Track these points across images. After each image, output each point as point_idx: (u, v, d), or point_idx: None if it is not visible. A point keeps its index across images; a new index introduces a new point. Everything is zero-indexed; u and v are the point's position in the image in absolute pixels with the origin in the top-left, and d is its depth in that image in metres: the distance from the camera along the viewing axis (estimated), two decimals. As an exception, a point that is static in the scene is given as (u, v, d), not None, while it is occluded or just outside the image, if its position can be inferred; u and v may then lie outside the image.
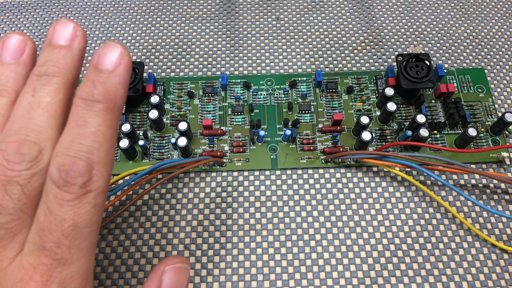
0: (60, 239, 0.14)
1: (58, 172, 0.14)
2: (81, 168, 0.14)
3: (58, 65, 0.15)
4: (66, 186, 0.14)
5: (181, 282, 0.17)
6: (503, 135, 0.28)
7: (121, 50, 0.15)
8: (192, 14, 0.34)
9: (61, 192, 0.14)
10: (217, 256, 0.24)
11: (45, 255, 0.14)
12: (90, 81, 0.15)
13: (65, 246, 0.14)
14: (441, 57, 0.32)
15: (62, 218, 0.14)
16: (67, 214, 0.14)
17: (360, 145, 0.27)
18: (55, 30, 0.16)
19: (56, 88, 0.15)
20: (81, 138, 0.14)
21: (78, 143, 0.14)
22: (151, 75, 0.29)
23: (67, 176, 0.14)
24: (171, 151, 0.28)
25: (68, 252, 0.14)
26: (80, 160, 0.14)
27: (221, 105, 0.29)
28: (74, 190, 0.14)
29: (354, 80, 0.30)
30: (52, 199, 0.14)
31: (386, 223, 0.25)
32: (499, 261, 0.24)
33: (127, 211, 0.26)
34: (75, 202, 0.14)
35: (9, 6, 0.35)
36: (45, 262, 0.14)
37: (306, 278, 0.24)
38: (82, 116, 0.14)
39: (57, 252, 0.14)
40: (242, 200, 0.26)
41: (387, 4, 0.35)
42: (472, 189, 0.27)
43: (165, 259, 0.17)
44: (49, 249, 0.14)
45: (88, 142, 0.14)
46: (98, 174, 0.14)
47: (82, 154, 0.14)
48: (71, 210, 0.14)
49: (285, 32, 0.33)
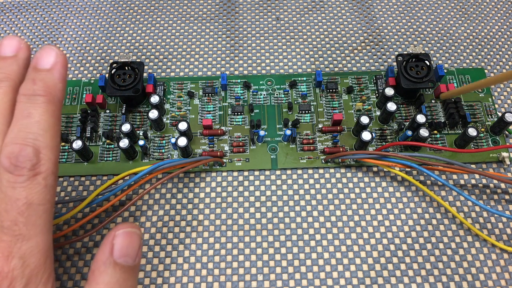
0: (16, 217, 0.15)
1: (8, 159, 0.15)
2: (29, 153, 0.15)
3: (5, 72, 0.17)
4: (17, 170, 0.15)
5: (133, 245, 0.18)
6: (503, 135, 0.28)
7: (56, 51, 0.18)
8: (192, 14, 0.34)
9: (13, 176, 0.15)
10: (217, 256, 0.24)
11: (4, 233, 0.15)
12: (30, 79, 0.17)
13: (21, 223, 0.15)
14: (441, 57, 0.32)
15: (16, 198, 0.15)
16: (20, 195, 0.15)
17: (360, 145, 0.27)
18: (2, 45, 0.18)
19: (4, 90, 0.17)
20: (27, 127, 0.16)
21: (25, 132, 0.16)
22: (151, 75, 0.29)
23: (17, 161, 0.15)
24: (171, 151, 0.28)
25: (25, 229, 0.15)
26: (27, 146, 0.16)
27: (221, 105, 0.29)
28: (25, 172, 0.15)
29: (354, 80, 0.30)
30: (5, 184, 0.15)
31: (386, 223, 0.25)
32: (499, 261, 0.24)
33: (127, 211, 0.26)
34: (26, 183, 0.15)
35: (9, 6, 0.35)
36: (4, 239, 0.15)
37: (306, 278, 0.24)
38: (26, 109, 0.16)
39: (15, 229, 0.15)
40: (242, 200, 0.26)
41: (387, 4, 0.35)
42: (472, 189, 0.27)
43: (116, 226, 0.18)
44: (7, 227, 0.15)
45: (33, 130, 0.16)
46: (46, 157, 0.16)
47: (28, 141, 0.16)
48: (24, 191, 0.15)
49: (285, 32, 0.33)
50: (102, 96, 0.29)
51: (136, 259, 0.18)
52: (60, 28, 0.34)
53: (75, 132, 0.28)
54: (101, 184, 0.27)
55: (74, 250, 0.25)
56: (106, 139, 0.28)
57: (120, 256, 0.18)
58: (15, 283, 0.15)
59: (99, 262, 0.17)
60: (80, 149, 0.26)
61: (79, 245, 0.25)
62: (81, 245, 0.25)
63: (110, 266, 0.17)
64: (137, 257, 0.18)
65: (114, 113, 0.29)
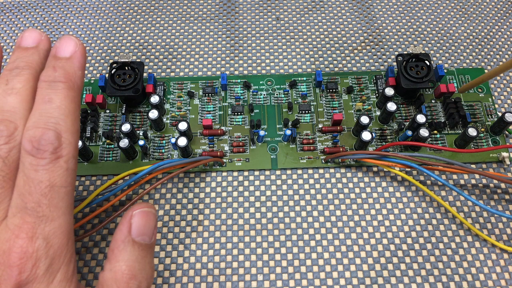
0: (40, 199, 0.16)
1: (30, 143, 0.16)
2: (50, 136, 0.16)
3: (27, 61, 0.18)
4: (39, 153, 0.16)
5: (149, 224, 0.19)
6: (503, 135, 0.28)
7: (75, 40, 0.18)
8: (192, 14, 0.34)
9: (35, 159, 0.16)
10: (217, 256, 0.24)
11: (28, 214, 0.15)
12: (51, 67, 0.17)
13: (45, 204, 0.16)
14: (441, 57, 0.32)
15: (39, 181, 0.16)
16: (43, 177, 0.16)
17: (360, 145, 0.27)
18: (23, 37, 0.18)
19: (26, 78, 0.17)
20: (48, 112, 0.16)
21: (46, 116, 0.16)
22: (151, 75, 0.29)
23: (39, 145, 0.16)
24: (171, 151, 0.28)
25: (48, 210, 0.16)
26: (49, 130, 0.16)
27: (221, 105, 0.29)
28: (47, 155, 0.16)
29: (354, 80, 0.30)
30: (28, 167, 0.16)
31: (386, 223, 0.25)
32: (499, 261, 0.24)
33: (127, 211, 0.26)
34: (49, 166, 0.16)
35: (9, 6, 0.35)
36: (28, 220, 0.15)
37: (306, 278, 0.24)
38: (47, 94, 0.17)
39: (39, 211, 0.16)
40: (242, 200, 0.26)
41: (387, 4, 0.35)
42: (472, 189, 0.27)
43: (132, 206, 0.19)
44: (31, 209, 0.15)
45: (54, 114, 0.16)
46: (67, 141, 0.16)
47: (50, 125, 0.16)
48: (46, 173, 0.16)
49: (285, 32, 0.33)
50: (102, 96, 0.29)
51: (152, 238, 0.19)
52: (60, 28, 0.34)
53: (75, 132, 0.28)
54: (101, 184, 0.27)
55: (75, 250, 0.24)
56: (106, 139, 0.28)
57: (138, 234, 0.18)
58: (39, 263, 0.15)
59: (118, 241, 0.18)
60: (80, 149, 0.26)
61: (79, 245, 0.25)
62: (81, 245, 0.25)
63: (129, 244, 0.18)
64: (153, 236, 0.19)
65: (114, 113, 0.29)
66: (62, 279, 0.16)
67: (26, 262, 0.15)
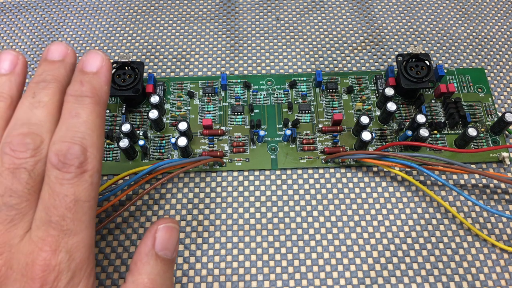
0: (64, 213, 0.16)
1: (56, 156, 0.16)
2: (76, 151, 0.16)
3: (53, 74, 0.18)
4: (65, 167, 0.16)
5: (172, 239, 0.19)
6: (503, 135, 0.28)
7: (102, 55, 0.19)
8: (192, 14, 0.34)
9: (61, 173, 0.16)
10: (217, 256, 0.24)
11: (52, 227, 0.16)
12: (78, 81, 0.18)
13: (69, 218, 0.16)
14: (441, 57, 0.32)
15: (65, 194, 0.16)
16: (68, 191, 0.16)
17: (360, 145, 0.27)
18: (50, 50, 0.18)
19: (53, 91, 0.17)
20: (75, 127, 0.16)
21: (73, 131, 0.16)
22: (151, 75, 0.29)
23: (65, 159, 0.16)
24: (171, 151, 0.28)
25: (72, 224, 0.16)
26: (75, 145, 0.16)
27: (221, 105, 0.29)
28: (72, 170, 0.16)
29: (354, 80, 0.30)
30: (54, 180, 0.16)
31: (386, 223, 0.25)
32: (499, 261, 0.24)
33: (127, 211, 0.26)
34: (74, 180, 0.16)
35: (9, 6, 0.35)
36: (52, 234, 0.16)
37: (306, 278, 0.24)
38: (74, 109, 0.17)
39: (63, 224, 0.16)
40: (242, 200, 0.26)
41: (387, 4, 0.35)
42: (472, 189, 0.27)
43: (157, 220, 0.19)
44: (55, 222, 0.16)
45: (81, 129, 0.16)
46: (92, 155, 0.16)
47: (76, 139, 0.16)
48: (72, 188, 0.16)
49: (285, 32, 0.33)
50: (102, 96, 0.29)
51: (174, 253, 0.19)
52: (60, 28, 0.34)
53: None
54: (101, 184, 0.27)
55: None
56: (106, 139, 0.28)
57: (161, 249, 0.19)
58: (61, 276, 0.16)
59: (142, 254, 0.18)
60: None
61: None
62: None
63: (152, 258, 0.18)
64: (175, 251, 0.19)
65: (114, 113, 0.29)
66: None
67: (49, 275, 0.15)
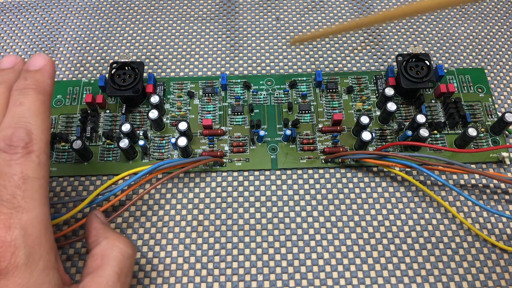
0: (14, 191, 0.16)
1: (3, 141, 0.17)
2: (21, 133, 0.17)
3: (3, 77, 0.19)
4: (11, 149, 0.17)
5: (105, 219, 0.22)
6: (503, 135, 0.28)
7: (45, 56, 0.20)
8: (192, 14, 0.34)
9: (8, 155, 0.17)
10: (217, 256, 0.24)
11: (4, 205, 0.16)
12: (22, 77, 0.19)
13: (19, 196, 0.16)
14: (441, 57, 0.32)
15: (13, 174, 0.17)
16: (16, 170, 0.17)
17: (360, 145, 0.27)
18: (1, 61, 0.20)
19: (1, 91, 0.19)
20: (19, 114, 0.18)
21: (17, 117, 0.18)
22: (151, 75, 0.29)
23: (11, 141, 0.17)
24: (171, 151, 0.28)
25: (23, 201, 0.17)
26: (20, 128, 0.17)
27: (221, 105, 0.29)
28: (19, 150, 0.17)
29: (354, 80, 0.30)
30: (2, 163, 0.17)
31: (386, 223, 0.25)
32: (499, 261, 0.24)
33: (127, 211, 0.26)
34: (21, 160, 0.17)
35: (9, 6, 0.35)
36: (5, 212, 0.16)
37: (306, 278, 0.24)
38: (18, 99, 0.18)
39: (14, 202, 0.16)
40: (242, 200, 0.26)
41: (387, 4, 0.35)
42: (472, 189, 0.27)
43: None
44: (6, 200, 0.16)
45: (25, 114, 0.18)
46: (37, 137, 0.17)
47: (21, 124, 0.17)
48: (19, 167, 0.17)
49: (285, 32, 0.33)
50: (102, 96, 0.29)
51: None
52: (60, 28, 0.34)
53: (75, 132, 0.28)
54: (101, 184, 0.27)
55: (74, 250, 0.25)
56: (106, 139, 0.28)
57: None
58: (19, 252, 0.16)
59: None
60: (80, 149, 0.26)
61: (79, 245, 0.25)
62: (81, 245, 0.25)
63: None
64: None
65: (114, 113, 0.29)
66: (45, 267, 0.17)
67: (5, 251, 0.16)
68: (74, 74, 0.31)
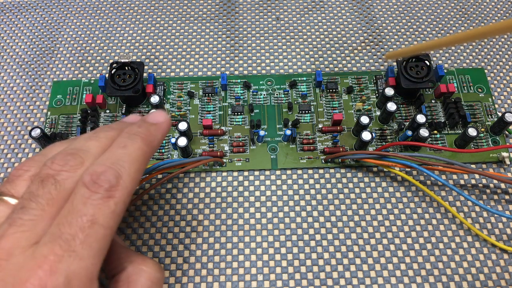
0: (77, 232, 0.15)
1: (89, 175, 0.16)
2: (110, 174, 0.16)
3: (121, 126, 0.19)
4: (94, 187, 0.15)
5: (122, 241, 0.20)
6: (503, 135, 0.28)
7: (165, 115, 0.20)
8: (192, 14, 0.34)
9: (88, 191, 0.15)
10: (217, 256, 0.24)
11: (59, 245, 0.15)
12: (136, 125, 0.19)
13: (79, 239, 0.15)
14: (441, 57, 0.32)
15: (83, 213, 0.15)
16: (88, 211, 0.15)
17: (360, 145, 0.27)
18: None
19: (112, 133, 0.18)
20: (118, 155, 0.17)
21: (114, 158, 0.17)
22: (151, 75, 0.29)
23: (98, 179, 0.16)
24: (171, 151, 0.28)
25: (80, 247, 0.15)
26: (112, 169, 0.16)
27: (221, 105, 0.29)
28: (101, 191, 0.16)
29: (354, 80, 0.30)
30: (78, 198, 0.15)
31: (386, 223, 0.25)
32: (499, 261, 0.24)
33: (127, 211, 0.26)
34: (98, 202, 0.15)
35: (9, 6, 0.35)
36: (57, 252, 0.14)
37: (306, 278, 0.24)
38: (123, 141, 0.18)
39: (71, 245, 0.15)
40: (242, 200, 0.26)
41: (387, 4, 0.35)
42: (472, 189, 0.27)
43: None
44: (64, 240, 0.15)
45: (123, 158, 0.17)
46: (124, 184, 0.16)
47: (115, 165, 0.16)
48: (92, 209, 0.15)
49: (285, 32, 0.33)
50: (102, 96, 0.29)
51: None
52: (60, 28, 0.34)
53: (75, 132, 0.28)
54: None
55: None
56: (106, 139, 0.28)
57: None
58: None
59: None
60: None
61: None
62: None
63: None
64: None
65: (114, 113, 0.29)
66: None
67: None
68: (74, 74, 0.31)
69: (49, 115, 0.29)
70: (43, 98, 0.30)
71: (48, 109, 0.29)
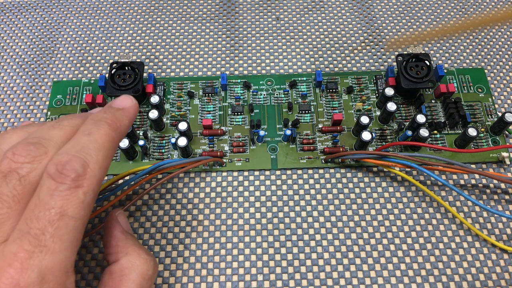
0: (46, 226, 0.14)
1: (55, 166, 0.15)
2: (77, 164, 0.15)
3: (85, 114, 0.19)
4: (60, 177, 0.15)
5: (127, 223, 0.21)
6: (503, 135, 0.28)
7: (132, 99, 0.19)
8: (192, 14, 0.34)
9: (54, 183, 0.15)
10: (217, 256, 0.24)
11: (29, 241, 0.14)
12: (102, 111, 0.18)
13: (49, 233, 0.14)
14: (441, 57, 0.32)
15: (51, 206, 0.15)
16: (56, 203, 0.15)
17: (360, 145, 0.27)
18: None
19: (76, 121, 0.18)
20: (83, 143, 0.16)
21: (79, 146, 0.16)
22: (151, 75, 0.29)
23: (63, 169, 0.15)
24: (171, 151, 0.28)
25: (51, 241, 0.14)
26: (78, 158, 0.15)
27: (221, 105, 0.29)
28: (67, 181, 0.15)
29: (354, 80, 0.30)
30: (44, 191, 0.15)
31: (386, 223, 0.25)
32: (499, 261, 0.24)
33: (127, 211, 0.26)
34: (65, 193, 0.15)
35: (9, 6, 0.35)
36: (27, 248, 0.14)
37: (306, 278, 0.24)
38: (88, 128, 0.17)
39: (41, 239, 0.14)
40: (242, 200, 0.26)
41: (387, 4, 0.35)
42: (472, 189, 0.27)
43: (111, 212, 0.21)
44: (33, 235, 0.14)
45: (89, 146, 0.16)
46: (92, 172, 0.16)
47: (80, 153, 0.16)
48: (60, 200, 0.15)
49: (285, 32, 0.33)
50: (102, 96, 0.29)
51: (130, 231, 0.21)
52: (60, 28, 0.34)
53: (75, 132, 0.28)
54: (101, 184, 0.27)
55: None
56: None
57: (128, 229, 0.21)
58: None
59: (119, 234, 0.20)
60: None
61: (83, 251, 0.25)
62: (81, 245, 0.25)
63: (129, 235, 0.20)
64: None
65: (114, 113, 0.29)
66: None
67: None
68: (74, 74, 0.31)
69: (49, 115, 0.29)
70: (43, 98, 0.30)
71: (48, 109, 0.29)
